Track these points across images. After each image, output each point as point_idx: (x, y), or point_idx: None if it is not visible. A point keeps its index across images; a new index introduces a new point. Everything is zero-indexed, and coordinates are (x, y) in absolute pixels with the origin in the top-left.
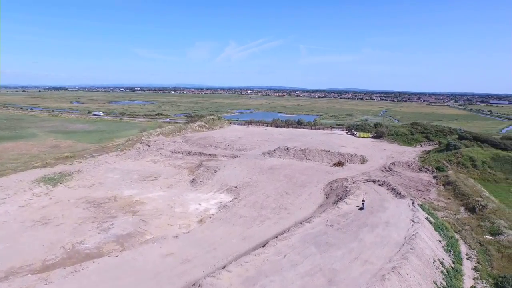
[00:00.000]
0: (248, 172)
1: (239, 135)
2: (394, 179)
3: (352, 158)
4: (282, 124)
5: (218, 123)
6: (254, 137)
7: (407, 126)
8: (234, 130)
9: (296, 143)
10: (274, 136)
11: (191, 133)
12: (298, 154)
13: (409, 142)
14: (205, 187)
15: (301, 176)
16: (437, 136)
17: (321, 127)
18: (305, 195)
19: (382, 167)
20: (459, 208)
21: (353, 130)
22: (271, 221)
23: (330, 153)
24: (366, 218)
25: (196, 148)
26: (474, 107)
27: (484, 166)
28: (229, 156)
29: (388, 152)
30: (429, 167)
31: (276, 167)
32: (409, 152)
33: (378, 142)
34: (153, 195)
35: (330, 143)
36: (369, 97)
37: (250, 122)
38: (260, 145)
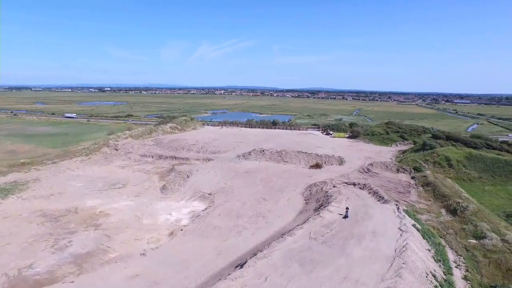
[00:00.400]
0: (223, 176)
1: (212, 137)
2: (373, 181)
3: (329, 159)
4: (257, 125)
5: (191, 124)
6: (228, 139)
7: (382, 125)
8: (208, 131)
9: (272, 145)
10: (249, 138)
11: (163, 135)
12: (274, 156)
13: (385, 141)
14: (177, 194)
15: (278, 179)
16: (412, 135)
17: (297, 127)
18: (284, 200)
19: (360, 168)
20: (440, 210)
21: (328, 130)
22: (249, 232)
23: (307, 155)
24: (352, 227)
25: (167, 152)
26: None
27: (459, 166)
28: (203, 160)
29: (365, 152)
30: (407, 167)
31: (252, 170)
32: (386, 152)
33: (354, 142)
34: (119, 205)
35: (307, 144)
36: (341, 97)
37: (224, 123)
38: (235, 147)
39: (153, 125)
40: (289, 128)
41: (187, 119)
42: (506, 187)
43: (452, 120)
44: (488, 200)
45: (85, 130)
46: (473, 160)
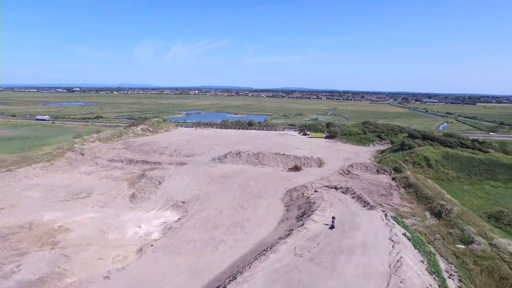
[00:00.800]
0: (197, 182)
1: (186, 139)
2: (355, 184)
3: (308, 161)
4: (233, 126)
5: (164, 126)
6: (203, 141)
7: (359, 125)
8: (181, 133)
9: (248, 146)
10: (224, 139)
11: (133, 138)
12: (251, 159)
13: (362, 141)
14: (147, 203)
15: (256, 184)
16: (389, 135)
17: (273, 128)
18: (263, 207)
19: (340, 170)
20: (425, 214)
21: (305, 131)
22: (227, 245)
23: (286, 157)
24: (340, 240)
25: (138, 155)
26: (411, 105)
27: (438, 165)
28: (176, 164)
29: (344, 153)
30: (387, 168)
31: (228, 175)
32: (364, 152)
33: (332, 142)
34: (82, 218)
35: (284, 145)
36: (316, 96)
37: (198, 124)
38: (210, 150)
39: (124, 127)
40: (265, 129)
41: (160, 120)
42: (483, 186)
43: (424, 119)
44: (468, 200)
45: (49, 133)
46: (450, 160)
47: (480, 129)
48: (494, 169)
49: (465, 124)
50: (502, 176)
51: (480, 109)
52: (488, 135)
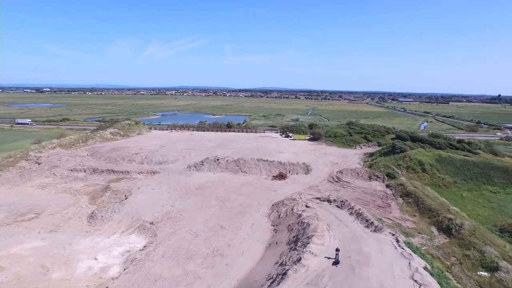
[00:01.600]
0: (170, 195)
1: (160, 144)
2: (347, 193)
3: (294, 167)
4: (210, 128)
5: (136, 129)
6: (178, 145)
7: (344, 126)
8: (155, 137)
9: (228, 151)
10: (201, 143)
11: (101, 143)
12: (231, 165)
13: (348, 143)
14: (109, 224)
15: (238, 197)
16: (375, 136)
17: (254, 129)
18: (247, 227)
19: (329, 177)
20: (431, 229)
21: (288, 132)
22: (203, 284)
23: (269, 163)
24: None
25: (104, 164)
26: (389, 105)
27: (433, 170)
28: (146, 173)
29: (330, 156)
30: (380, 174)
31: (205, 185)
32: (351, 156)
33: (317, 145)
34: (21, 250)
35: (267, 149)
36: (294, 96)
37: (174, 127)
38: (185, 156)
39: (90, 131)
40: (245, 131)
41: (131, 123)
42: (482, 192)
43: (404, 118)
44: (472, 210)
45: (5, 138)
46: (444, 163)
47: (460, 128)
48: (489, 172)
49: (444, 124)
50: (498, 180)
51: (454, 108)
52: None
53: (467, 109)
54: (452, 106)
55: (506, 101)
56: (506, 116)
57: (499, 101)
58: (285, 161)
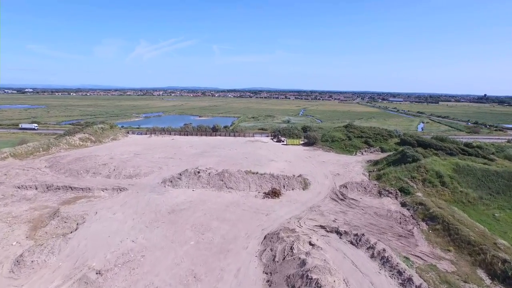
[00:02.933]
0: (134, 223)
1: (135, 151)
2: (357, 216)
3: (290, 181)
4: (194, 132)
5: (110, 133)
6: (155, 153)
7: (341, 129)
8: (131, 142)
9: (212, 159)
10: (182, 150)
11: (66, 151)
12: (214, 180)
13: (348, 149)
14: (40, 274)
15: (220, 225)
16: (377, 141)
17: (242, 133)
18: (230, 277)
19: (332, 192)
20: (477, 273)
21: (280, 136)
22: None
23: (260, 176)
24: None
25: (63, 178)
26: (380, 105)
27: (453, 183)
28: (112, 190)
29: (330, 165)
30: (391, 189)
31: (181, 207)
32: (353, 164)
33: (312, 150)
34: None
35: (256, 157)
36: (284, 96)
37: (154, 131)
38: (162, 167)
39: (55, 136)
40: (232, 135)
41: (106, 127)
42: None
43: (398, 119)
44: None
45: None
46: (462, 174)
47: (459, 130)
48: None
49: (441, 124)
50: None
51: (445, 108)
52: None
53: (458, 108)
54: (443, 106)
55: (493, 100)
56: (499, 116)
57: (486, 101)
58: (279, 173)
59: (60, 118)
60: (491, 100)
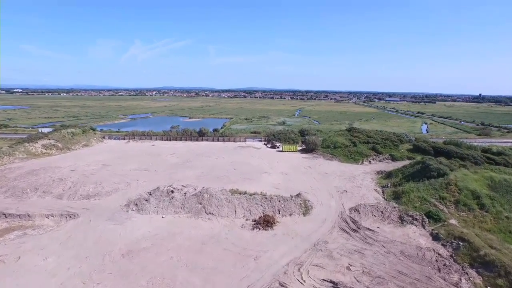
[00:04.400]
0: (69, 276)
1: (105, 160)
2: (379, 260)
3: (286, 204)
4: (178, 136)
5: (82, 139)
6: (128, 163)
7: (344, 133)
8: (104, 149)
9: (193, 172)
10: (161, 159)
11: (22, 161)
12: (190, 202)
13: (353, 157)
14: None
15: (189, 279)
16: (387, 147)
17: (232, 137)
18: None
19: (341, 219)
20: None
21: (274, 142)
22: None
23: (249, 198)
24: None
25: (1, 199)
26: (378, 105)
27: (495, 206)
28: (60, 216)
29: (334, 178)
30: (416, 214)
31: (140, 246)
32: (361, 176)
33: (312, 159)
34: None
35: (247, 168)
36: (279, 96)
37: (132, 135)
38: (131, 182)
39: (11, 144)
40: (221, 139)
41: (77, 131)
42: None
43: (399, 120)
44: None
45: None
46: (501, 191)
47: (467, 132)
48: None
49: (445, 125)
50: None
51: (444, 108)
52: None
53: (457, 108)
54: (441, 106)
55: (490, 100)
56: (501, 116)
57: (482, 100)
58: (273, 192)
59: (38, 121)
60: (487, 100)
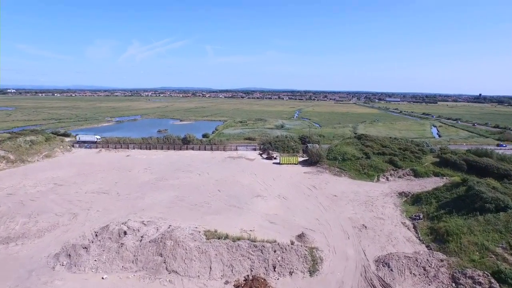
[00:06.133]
0: None
1: (59, 178)
2: None
3: (285, 257)
4: (159, 144)
5: (44, 148)
6: (86, 182)
7: (354, 142)
8: (66, 162)
9: (164, 197)
10: (131, 176)
11: None
12: (147, 253)
13: (366, 172)
14: None
15: None
16: (406, 159)
17: (222, 145)
18: None
19: (366, 283)
20: None
21: (270, 151)
22: None
23: (231, 247)
24: None
25: None
26: (379, 105)
27: None
28: None
29: (345, 204)
30: (478, 274)
31: None
32: (380, 200)
33: (316, 174)
34: None
35: (235, 189)
36: (277, 96)
37: (106, 143)
38: (78, 214)
39: None
40: (209, 148)
41: (38, 139)
42: None
43: (406, 122)
44: None
45: None
46: None
47: (483, 136)
48: None
49: (456, 128)
50: None
51: (447, 108)
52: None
53: (460, 109)
54: (443, 106)
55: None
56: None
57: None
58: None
59: (15, 124)
60: (489, 100)
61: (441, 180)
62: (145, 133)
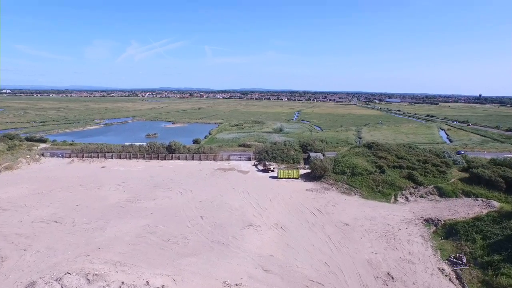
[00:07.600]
0: None
1: (6, 200)
2: None
3: None
4: (141, 153)
5: (5, 158)
6: (40, 205)
7: (364, 151)
8: (28, 175)
9: (131, 226)
10: (97, 196)
11: None
12: None
13: (381, 190)
14: None
15: None
16: (427, 173)
17: (212, 154)
18: None
19: None
20: None
21: (267, 163)
22: None
23: None
24: None
25: None
26: (381, 106)
27: None
28: None
29: (361, 238)
30: None
31: None
32: (403, 231)
33: (321, 192)
34: None
35: (221, 216)
36: (276, 97)
37: (82, 152)
38: (7, 258)
39: None
40: (197, 157)
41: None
42: None
43: (412, 125)
44: None
45: None
46: None
47: (497, 140)
48: None
49: (467, 132)
50: None
51: (450, 110)
52: None
53: (462, 110)
54: (445, 107)
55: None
56: None
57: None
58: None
59: None
60: (489, 101)
61: (475, 202)
62: (133, 137)
